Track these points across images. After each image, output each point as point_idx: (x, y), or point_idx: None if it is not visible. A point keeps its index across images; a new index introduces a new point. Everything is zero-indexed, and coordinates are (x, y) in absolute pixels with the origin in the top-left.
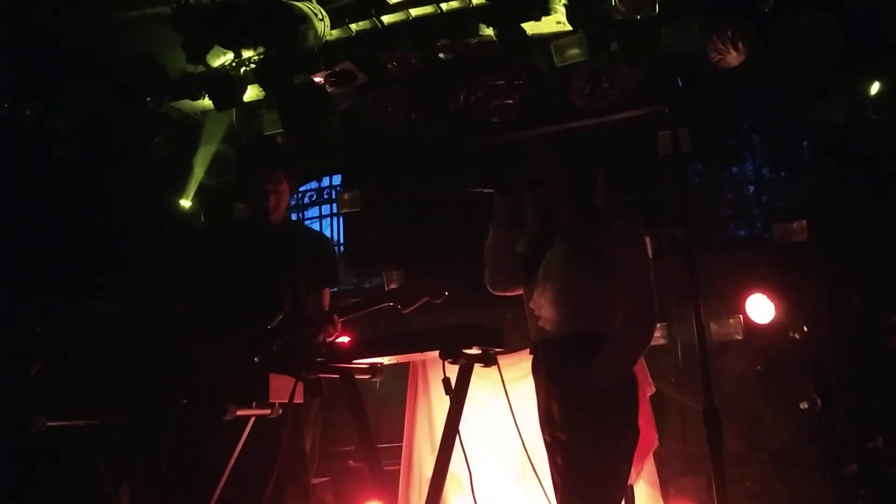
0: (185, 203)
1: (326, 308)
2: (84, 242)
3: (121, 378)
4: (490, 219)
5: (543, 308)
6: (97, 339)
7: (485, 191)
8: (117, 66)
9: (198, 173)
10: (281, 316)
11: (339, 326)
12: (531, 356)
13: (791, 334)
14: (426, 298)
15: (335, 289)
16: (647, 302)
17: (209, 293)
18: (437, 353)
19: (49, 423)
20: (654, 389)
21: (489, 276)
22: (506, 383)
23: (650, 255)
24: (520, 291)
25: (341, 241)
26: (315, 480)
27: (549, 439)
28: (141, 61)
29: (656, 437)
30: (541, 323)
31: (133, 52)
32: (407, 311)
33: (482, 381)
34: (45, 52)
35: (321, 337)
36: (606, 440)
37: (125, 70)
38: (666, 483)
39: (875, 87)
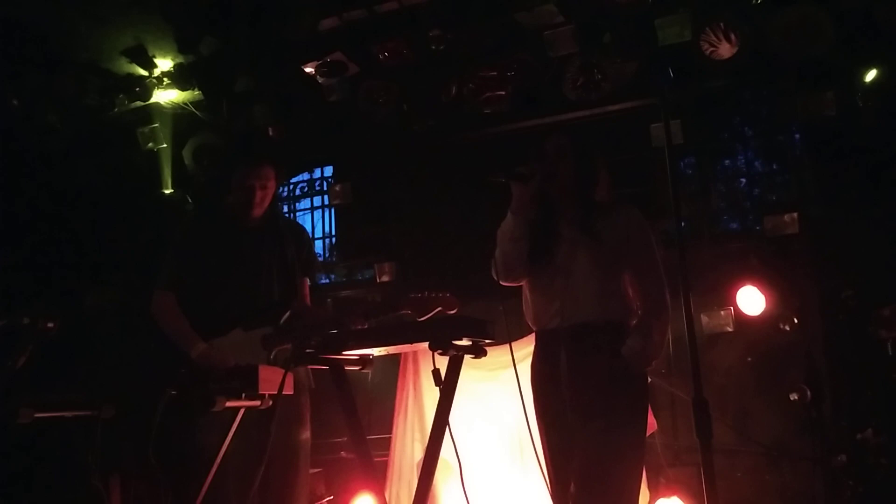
0: (167, 191)
1: (308, 300)
2: (73, 235)
3: (109, 370)
4: (484, 211)
5: (570, 295)
6: (86, 332)
7: (502, 180)
8: (105, 56)
9: (186, 164)
10: (289, 313)
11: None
12: (530, 344)
13: (781, 326)
14: (439, 308)
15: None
16: (663, 286)
17: (200, 290)
18: (426, 344)
19: (36, 415)
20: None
21: (504, 264)
22: (495, 370)
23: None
24: (522, 281)
25: (333, 232)
26: None
27: (556, 426)
28: (130, 51)
29: (654, 420)
30: (566, 310)
31: (122, 42)
32: (422, 319)
33: (473, 369)
34: (31, 43)
35: None
36: (631, 425)
37: (114, 60)
38: (656, 474)
39: (871, 75)
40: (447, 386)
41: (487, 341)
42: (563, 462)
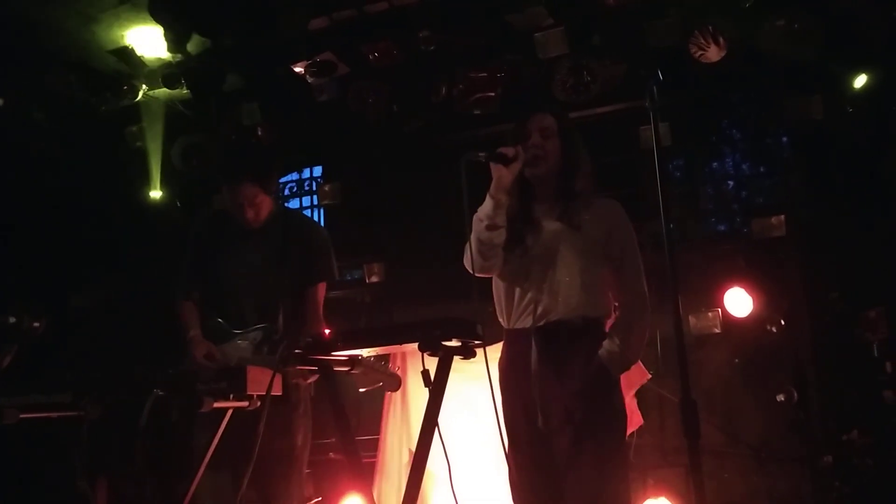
0: (155, 194)
1: (321, 305)
2: (59, 234)
3: (96, 370)
4: (473, 211)
5: (550, 287)
6: (72, 332)
7: (482, 160)
8: (93, 54)
9: (173, 163)
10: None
11: None
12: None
13: (769, 328)
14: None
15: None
16: (643, 284)
17: (208, 294)
18: (416, 345)
19: (22, 416)
20: (649, 376)
21: (480, 253)
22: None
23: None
24: (496, 272)
25: None
26: None
27: (522, 433)
28: (118, 50)
29: (640, 415)
30: (542, 304)
31: (110, 40)
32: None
33: (462, 373)
34: (20, 41)
35: None
36: (614, 433)
37: (102, 59)
38: (644, 474)
39: (861, 81)
40: (436, 387)
41: (477, 342)
42: (532, 474)
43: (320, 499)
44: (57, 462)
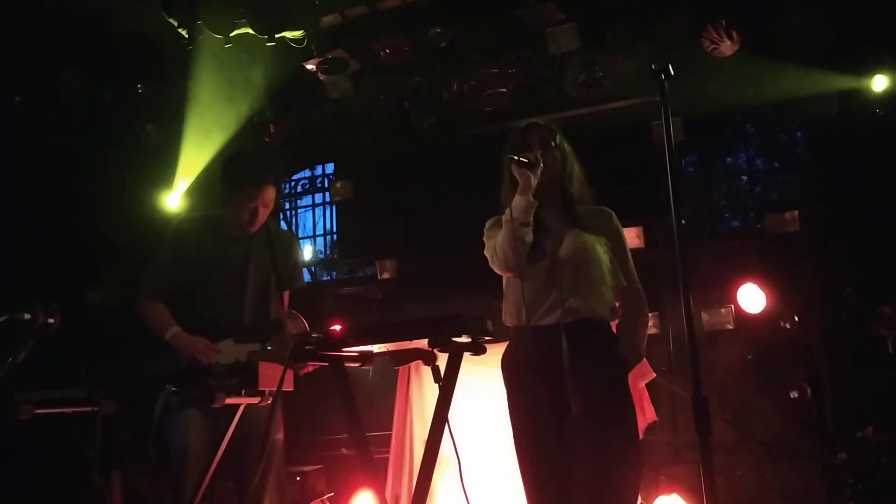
0: (172, 198)
1: (286, 309)
2: (77, 231)
3: (110, 366)
4: (484, 208)
5: (578, 292)
6: (87, 328)
7: (515, 162)
8: (110, 51)
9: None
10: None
11: None
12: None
13: (782, 324)
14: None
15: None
16: (638, 281)
17: (189, 297)
18: (426, 341)
19: (37, 411)
20: (653, 374)
21: (514, 250)
22: (494, 367)
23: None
24: (517, 272)
25: (334, 229)
26: (307, 468)
27: (557, 424)
28: (134, 46)
29: (653, 411)
30: (569, 305)
31: (125, 37)
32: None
33: (472, 365)
34: (36, 38)
35: None
36: (633, 422)
37: (119, 54)
38: (656, 471)
39: (880, 80)
40: (446, 383)
41: (487, 338)
42: (552, 464)
43: (332, 494)
44: (71, 457)
